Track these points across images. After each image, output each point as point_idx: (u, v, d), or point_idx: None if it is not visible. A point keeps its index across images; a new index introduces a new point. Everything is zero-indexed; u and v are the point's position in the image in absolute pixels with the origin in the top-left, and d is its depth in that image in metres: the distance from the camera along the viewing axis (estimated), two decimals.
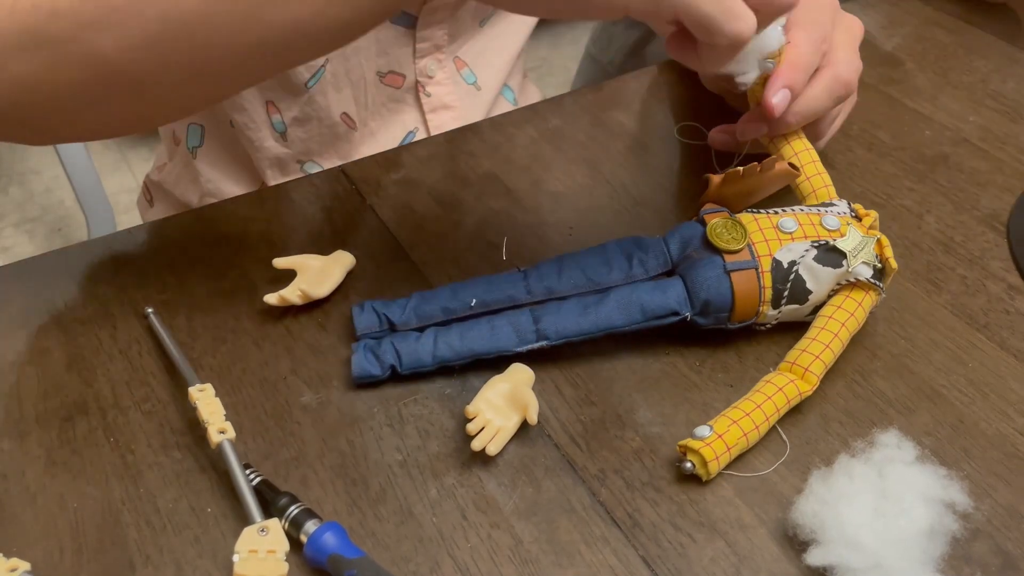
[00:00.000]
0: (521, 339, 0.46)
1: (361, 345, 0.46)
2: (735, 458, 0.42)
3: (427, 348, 0.45)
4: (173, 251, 0.54)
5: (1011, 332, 0.49)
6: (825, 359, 0.44)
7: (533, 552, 0.39)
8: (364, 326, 0.47)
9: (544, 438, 0.44)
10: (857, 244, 0.46)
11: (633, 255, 0.48)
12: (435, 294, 0.48)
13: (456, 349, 0.45)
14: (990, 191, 0.58)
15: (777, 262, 0.45)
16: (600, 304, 0.46)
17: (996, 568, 0.39)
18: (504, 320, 0.46)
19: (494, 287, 0.48)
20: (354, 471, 0.42)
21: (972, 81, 0.69)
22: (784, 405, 0.43)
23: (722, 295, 0.45)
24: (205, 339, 0.48)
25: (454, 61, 0.72)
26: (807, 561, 0.38)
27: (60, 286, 0.52)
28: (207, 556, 0.39)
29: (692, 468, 0.41)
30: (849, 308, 0.46)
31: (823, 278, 0.46)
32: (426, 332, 0.46)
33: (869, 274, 0.46)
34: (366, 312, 0.47)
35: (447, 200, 0.57)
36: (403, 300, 0.48)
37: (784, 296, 0.46)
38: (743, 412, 0.42)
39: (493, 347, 0.46)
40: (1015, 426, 0.44)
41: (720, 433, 0.41)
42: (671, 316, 0.46)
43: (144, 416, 0.45)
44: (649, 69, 0.70)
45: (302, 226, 0.55)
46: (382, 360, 0.45)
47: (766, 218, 0.47)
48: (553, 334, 0.45)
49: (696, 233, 0.47)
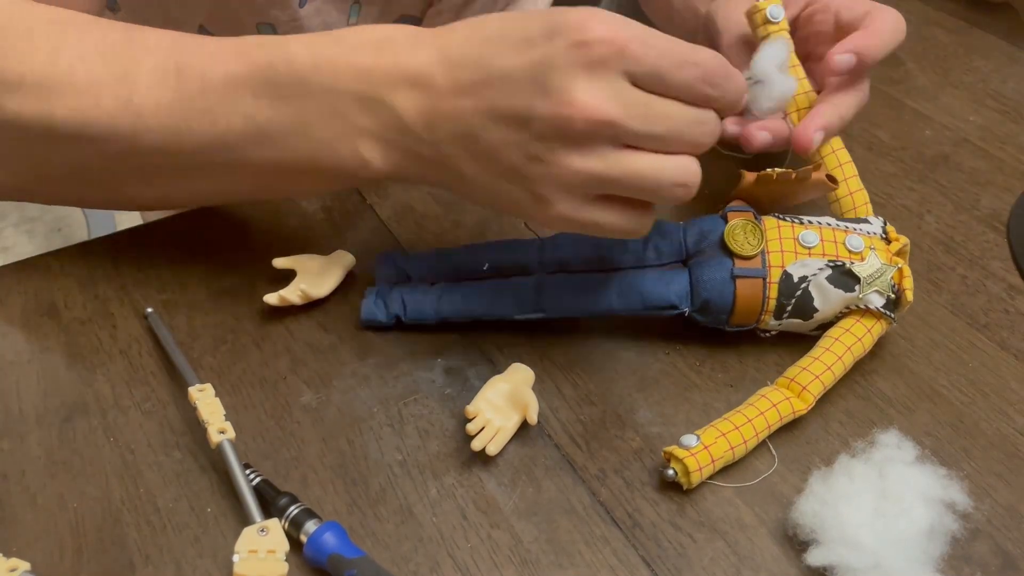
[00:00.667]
0: (519, 307, 0.47)
1: (374, 291, 0.49)
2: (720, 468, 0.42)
3: (431, 303, 0.48)
4: (173, 251, 0.54)
5: (1011, 332, 0.49)
6: (825, 380, 0.43)
7: (533, 552, 0.39)
8: (383, 275, 0.50)
9: (544, 438, 0.44)
10: (874, 272, 0.44)
11: (650, 239, 0.48)
12: (452, 253, 0.50)
13: (458, 308, 0.47)
14: (990, 191, 0.58)
15: (788, 275, 0.45)
16: (602, 286, 0.46)
17: (996, 568, 0.39)
18: (508, 287, 0.48)
19: (508, 252, 0.49)
20: (354, 471, 0.42)
21: (972, 81, 0.69)
22: (776, 422, 0.42)
23: (723, 298, 0.45)
24: (205, 339, 0.48)
25: None
26: (807, 561, 0.38)
27: (60, 286, 0.52)
28: (207, 556, 0.39)
29: (674, 476, 0.41)
30: (857, 333, 0.45)
31: (832, 299, 0.45)
32: (434, 288, 0.48)
33: (880, 303, 0.45)
34: (388, 263, 0.50)
35: (447, 200, 0.57)
36: (423, 253, 0.50)
37: (787, 310, 0.45)
38: (733, 425, 0.41)
39: (491, 311, 0.47)
40: (1015, 426, 0.44)
41: (707, 444, 0.41)
42: (669, 309, 0.46)
43: (144, 416, 0.45)
44: None
45: (302, 226, 0.55)
46: (389, 308, 0.48)
47: (789, 227, 0.46)
48: (550, 307, 0.47)
49: (715, 228, 0.47)
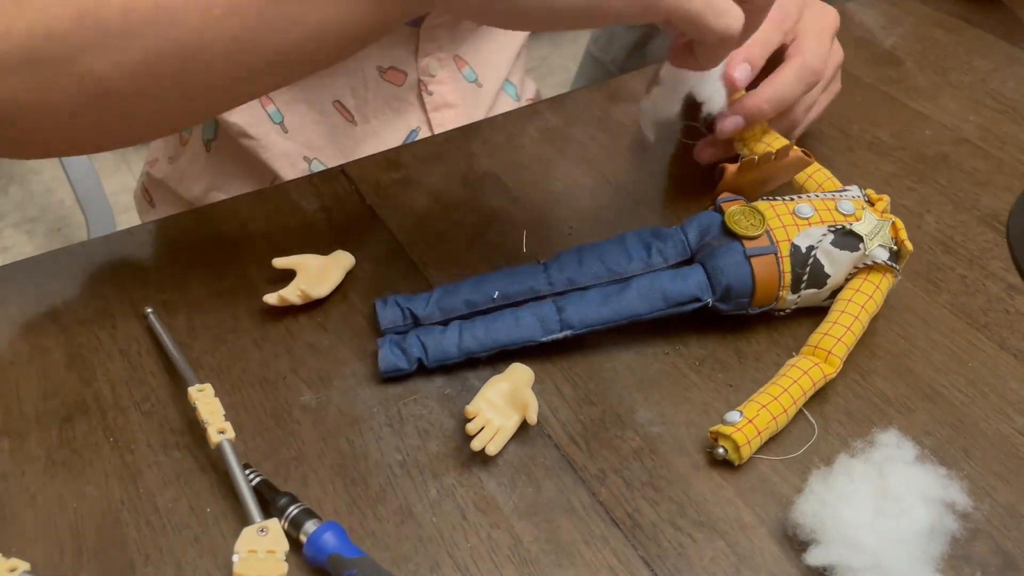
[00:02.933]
0: (546, 329, 0.46)
1: (387, 340, 0.46)
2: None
3: (452, 341, 0.46)
4: (173, 251, 0.54)
5: (1011, 332, 0.49)
6: (847, 341, 0.45)
7: (533, 552, 0.39)
8: (388, 321, 0.47)
9: (544, 438, 0.44)
10: (873, 227, 0.47)
11: (652, 245, 0.48)
12: (457, 287, 0.48)
13: (481, 341, 0.46)
14: (990, 191, 0.58)
15: (796, 247, 0.46)
16: (622, 293, 0.46)
17: (996, 568, 0.39)
18: (528, 311, 0.46)
19: (515, 279, 0.48)
20: (354, 471, 0.42)
21: (972, 81, 0.69)
22: (810, 388, 0.44)
23: (743, 280, 0.46)
24: (205, 339, 0.48)
25: (455, 60, 0.72)
26: (807, 561, 0.38)
27: (60, 286, 0.52)
28: (207, 556, 0.39)
29: (724, 453, 0.42)
30: (867, 291, 0.46)
31: (841, 262, 0.46)
32: (451, 325, 0.46)
33: (886, 256, 0.47)
34: (389, 306, 0.47)
35: (447, 200, 0.57)
36: (425, 294, 0.48)
37: (804, 280, 0.46)
38: (771, 396, 0.43)
39: (518, 337, 0.46)
40: (1015, 426, 0.44)
41: (750, 418, 0.42)
42: (693, 302, 0.46)
43: (144, 416, 0.45)
44: (650, 68, 0.70)
45: (302, 226, 0.55)
46: (408, 354, 0.46)
47: (782, 204, 0.48)
48: (577, 323, 0.46)
49: (714, 221, 0.48)
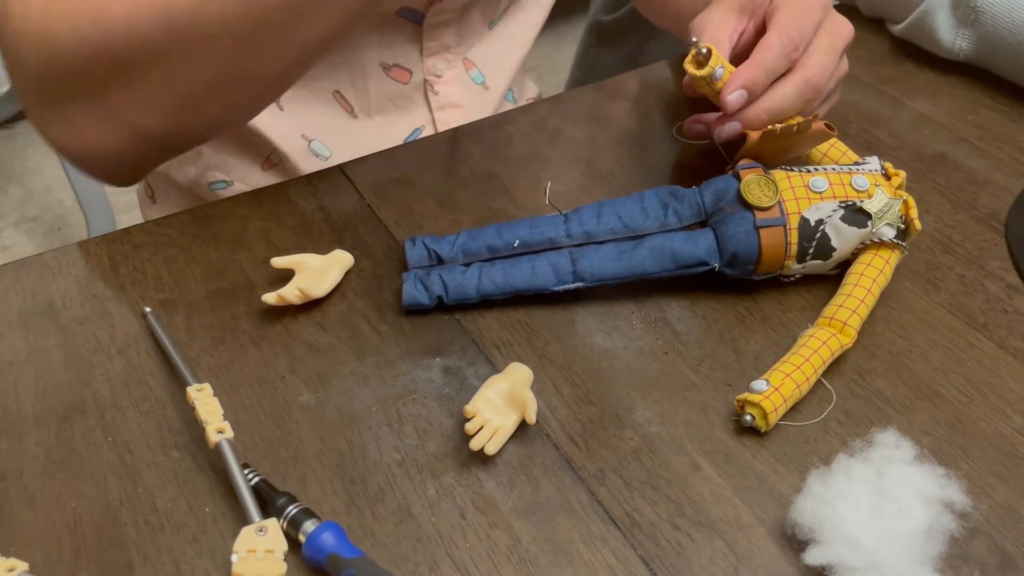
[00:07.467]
0: (559, 279, 0.49)
1: (412, 275, 0.49)
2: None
3: (472, 282, 0.49)
4: (172, 251, 0.54)
5: (1009, 331, 0.49)
6: (861, 313, 0.47)
7: (532, 551, 0.39)
8: (415, 259, 0.50)
9: (543, 437, 0.44)
10: (883, 206, 0.48)
11: (669, 204, 0.50)
12: (481, 233, 0.50)
13: (499, 284, 0.49)
14: (988, 190, 0.58)
15: (805, 220, 0.48)
16: (635, 250, 0.49)
17: (994, 567, 0.39)
18: (544, 260, 0.49)
19: (536, 228, 0.50)
20: (352, 470, 0.42)
21: (971, 80, 0.69)
22: (828, 357, 0.45)
23: (750, 249, 0.48)
24: (203, 339, 0.48)
25: (463, 62, 0.72)
26: (806, 560, 0.38)
27: (58, 285, 0.52)
28: (205, 556, 0.39)
29: (752, 421, 0.43)
30: (878, 265, 0.48)
31: (848, 237, 0.48)
32: (471, 267, 0.49)
33: (892, 235, 0.48)
34: (417, 246, 0.50)
35: (446, 199, 0.57)
36: (452, 236, 0.51)
37: (809, 252, 0.48)
38: (794, 366, 0.44)
39: (533, 284, 0.49)
40: (1013, 425, 0.44)
41: (776, 386, 0.43)
42: (700, 266, 0.48)
43: (142, 416, 0.45)
44: (648, 68, 0.70)
45: (301, 225, 0.55)
46: (430, 290, 0.48)
47: (798, 176, 0.49)
48: (588, 276, 0.48)
49: (730, 187, 0.49)
